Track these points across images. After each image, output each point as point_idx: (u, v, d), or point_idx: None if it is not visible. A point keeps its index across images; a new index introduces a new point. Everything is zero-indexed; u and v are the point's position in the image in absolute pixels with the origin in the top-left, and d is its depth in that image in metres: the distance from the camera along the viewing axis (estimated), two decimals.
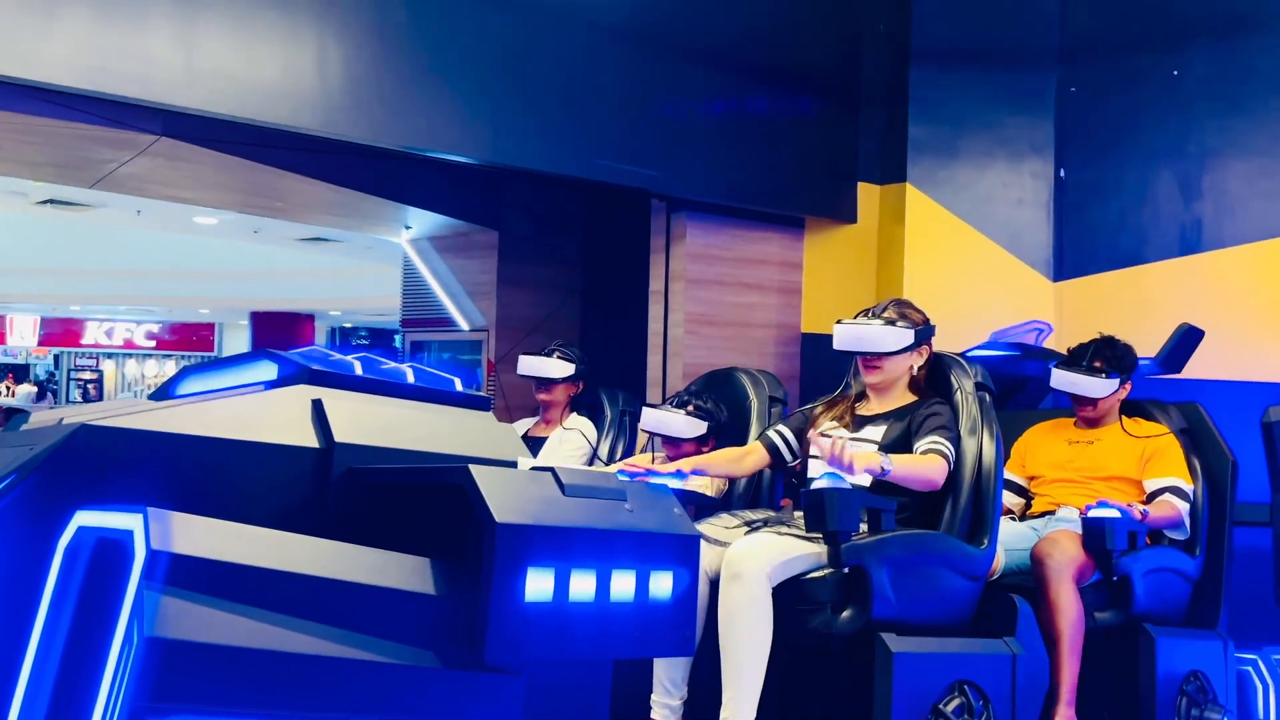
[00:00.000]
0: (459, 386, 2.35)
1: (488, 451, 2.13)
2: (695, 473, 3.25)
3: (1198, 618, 3.84)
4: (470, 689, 1.78)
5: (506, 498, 1.81)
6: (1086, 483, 3.80)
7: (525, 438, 4.96)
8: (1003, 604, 3.27)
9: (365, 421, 2.08)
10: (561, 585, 1.83)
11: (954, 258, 5.40)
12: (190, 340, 19.99)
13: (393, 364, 2.32)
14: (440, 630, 1.79)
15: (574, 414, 4.92)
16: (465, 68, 4.51)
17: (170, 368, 20.23)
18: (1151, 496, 3.74)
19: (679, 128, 5.22)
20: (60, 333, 19.60)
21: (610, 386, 5.26)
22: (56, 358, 20.01)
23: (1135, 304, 5.15)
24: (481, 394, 2.34)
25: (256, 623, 1.61)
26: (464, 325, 6.67)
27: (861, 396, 3.46)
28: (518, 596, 1.78)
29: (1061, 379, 3.90)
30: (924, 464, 3.13)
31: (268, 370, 2.14)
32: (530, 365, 4.87)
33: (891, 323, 3.34)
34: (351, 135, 4.20)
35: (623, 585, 1.91)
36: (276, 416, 2.01)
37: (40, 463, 1.70)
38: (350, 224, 6.93)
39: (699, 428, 4.01)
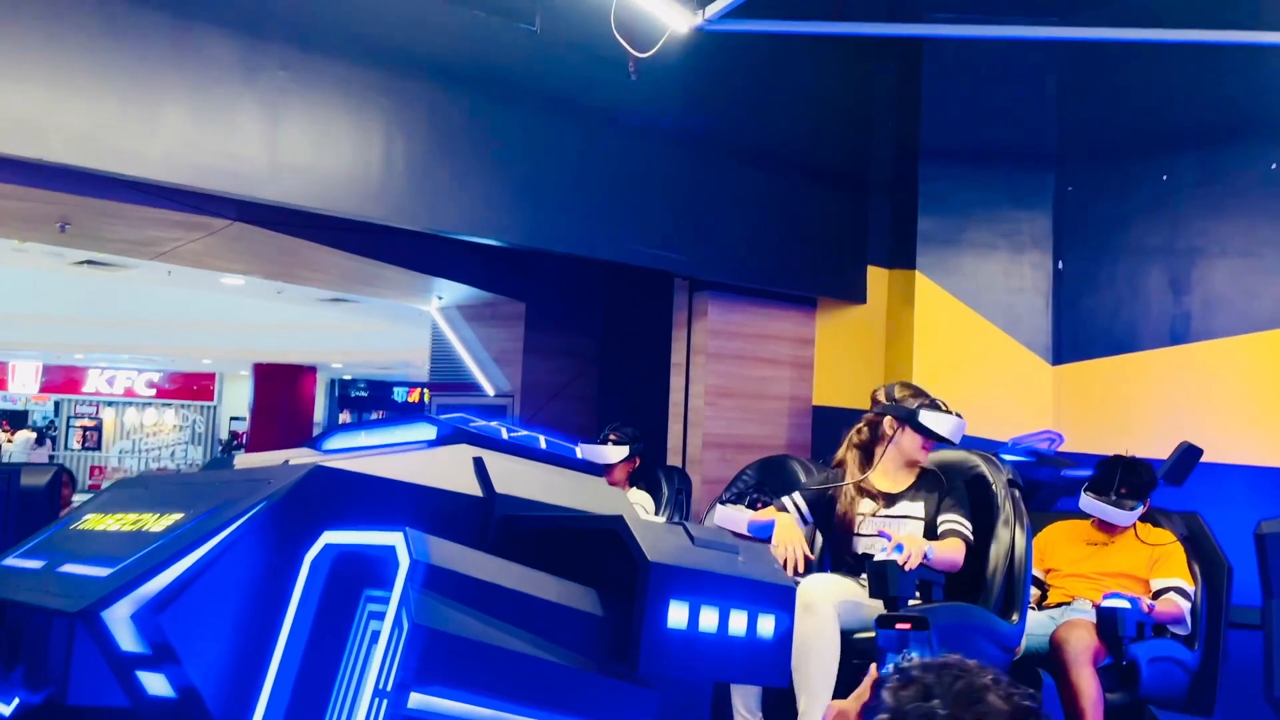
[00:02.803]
0: (580, 454, 2.75)
1: (606, 508, 2.55)
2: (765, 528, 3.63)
3: (1195, 705, 4.20)
4: (623, 695, 2.17)
5: (654, 543, 2.22)
6: (1099, 579, 4.17)
7: None
8: (1028, 674, 3.64)
9: (514, 477, 2.51)
10: (694, 616, 2.22)
11: (959, 340, 5.75)
12: (191, 390, 20.18)
13: (524, 431, 2.73)
14: (602, 646, 2.18)
15: (633, 488, 5.26)
16: (507, 160, 4.85)
17: (170, 416, 20.40)
18: (1157, 594, 4.11)
19: (702, 215, 5.60)
20: (61, 380, 19.75)
21: (666, 467, 5.57)
22: (56, 404, 20.14)
23: (1129, 388, 5.50)
24: (596, 464, 2.78)
25: (482, 624, 2.00)
26: (489, 390, 6.98)
27: (863, 468, 3.79)
28: (662, 622, 2.17)
29: (1091, 506, 4.26)
30: (951, 550, 3.54)
31: (427, 431, 2.58)
32: (589, 453, 5.19)
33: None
34: (406, 223, 4.55)
35: (738, 622, 2.30)
36: (449, 469, 2.42)
37: (286, 493, 2.12)
38: (382, 293, 7.25)
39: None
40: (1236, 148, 5.29)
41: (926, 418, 3.69)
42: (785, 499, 3.86)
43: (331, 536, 2.06)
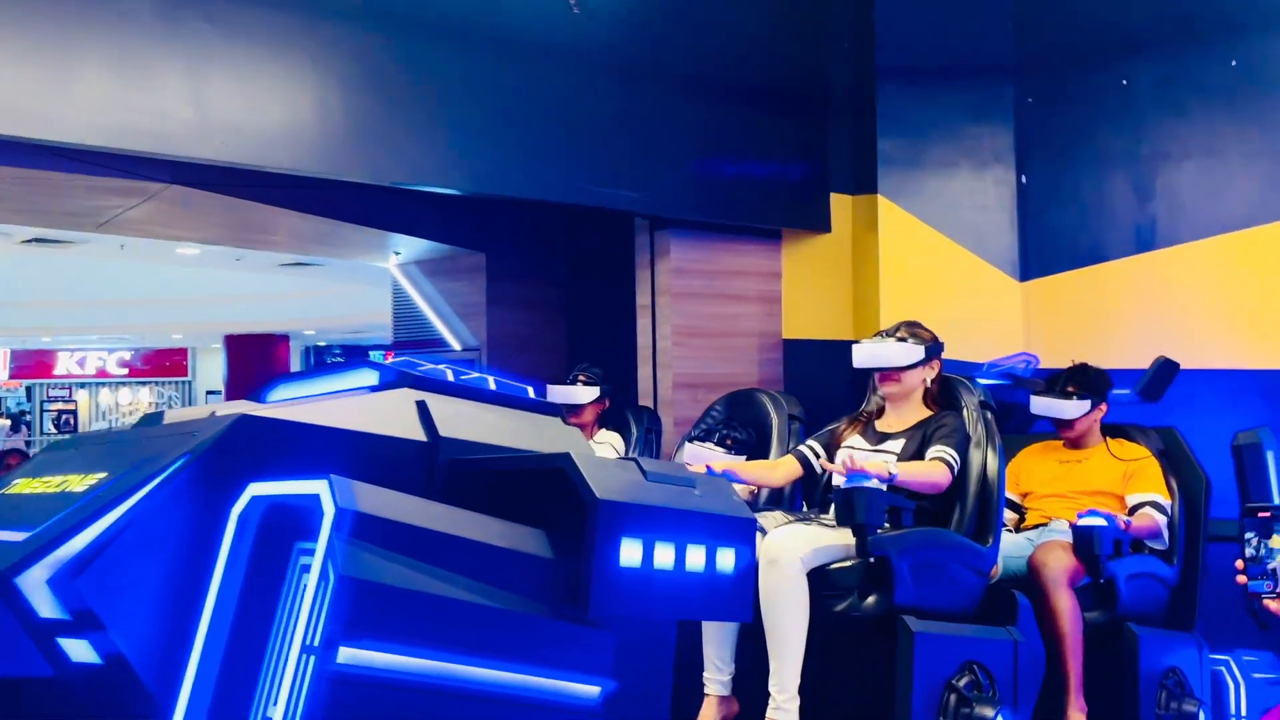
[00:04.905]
0: (532, 394, 2.66)
1: (558, 448, 2.45)
2: (729, 474, 3.55)
3: (1175, 621, 4.21)
4: (575, 639, 2.12)
5: (603, 480, 2.15)
6: (1075, 497, 4.14)
7: None
8: (1005, 598, 3.63)
9: (461, 420, 2.41)
10: (648, 554, 2.16)
11: (925, 263, 5.65)
12: (164, 366, 19.97)
13: (475, 373, 2.64)
14: (552, 588, 2.12)
15: (603, 429, 5.19)
16: (452, 105, 4.68)
17: (145, 394, 20.21)
18: (1133, 510, 4.07)
19: (659, 151, 5.43)
20: (31, 364, 19.52)
21: (636, 408, 5.50)
22: (29, 390, 19.94)
23: (1097, 300, 5.43)
24: (550, 402, 2.69)
25: (416, 571, 1.93)
26: (456, 345, 6.86)
27: (881, 411, 3.77)
28: (614, 562, 2.11)
29: (1038, 404, 4.25)
30: (927, 469, 3.47)
31: (369, 376, 2.48)
32: (559, 394, 5.15)
33: (904, 340, 3.66)
34: (350, 176, 4.41)
35: (695, 558, 2.24)
36: (390, 414, 2.33)
37: (210, 445, 2.03)
38: (339, 252, 7.11)
39: (738, 462, 4.29)
40: (1196, 48, 5.18)
41: None
42: (802, 446, 3.82)
43: (258, 488, 1.98)
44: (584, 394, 5.09)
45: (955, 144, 5.64)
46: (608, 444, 5.00)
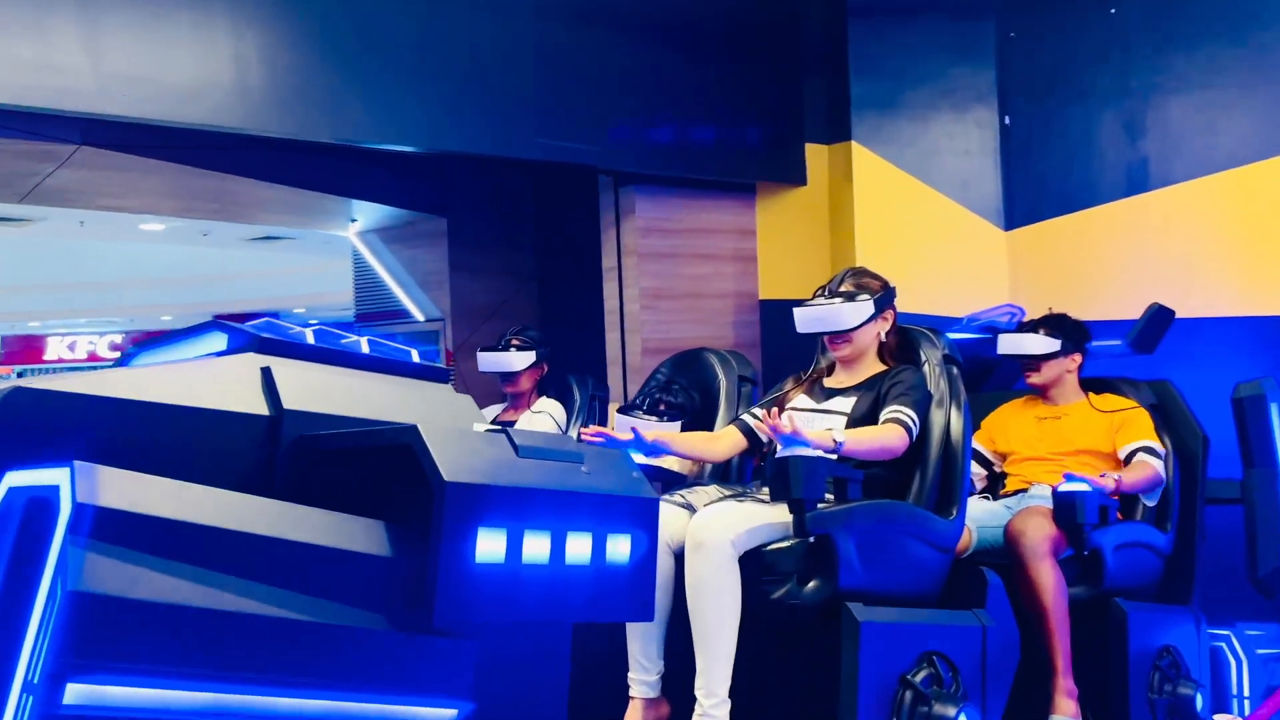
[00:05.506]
0: (416, 358, 2.31)
1: (445, 421, 2.11)
2: (659, 445, 3.20)
3: (1170, 593, 3.84)
4: (419, 652, 1.76)
5: (457, 457, 1.79)
6: (1057, 459, 3.78)
7: (494, 423, 4.90)
8: (973, 577, 3.24)
9: (316, 390, 2.05)
10: (514, 547, 1.80)
11: (904, 213, 5.36)
12: None
13: (353, 336, 2.30)
14: (389, 593, 1.76)
15: (542, 397, 4.85)
16: (391, 53, 4.41)
17: None
18: (1126, 460, 3.72)
19: (620, 100, 5.14)
20: (21, 350, 19.30)
21: (578, 371, 5.21)
22: (20, 375, 19.75)
23: (1087, 247, 5.14)
24: (440, 365, 2.31)
25: (190, 581, 1.57)
26: (419, 316, 6.59)
27: (832, 368, 3.42)
28: (467, 557, 1.76)
29: (1004, 342, 3.92)
30: (878, 435, 3.09)
31: (218, 341, 2.12)
32: (490, 361, 4.80)
33: (850, 297, 3.30)
34: (274, 131, 4.12)
35: (578, 548, 1.88)
36: (222, 384, 1.98)
37: None
38: (295, 221, 6.82)
39: (672, 430, 3.93)
40: None
41: None
42: (745, 415, 3.47)
43: (16, 478, 1.62)
44: (517, 359, 4.70)
45: (933, 85, 5.32)
46: (546, 414, 4.65)
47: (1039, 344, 3.85)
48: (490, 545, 1.77)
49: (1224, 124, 4.81)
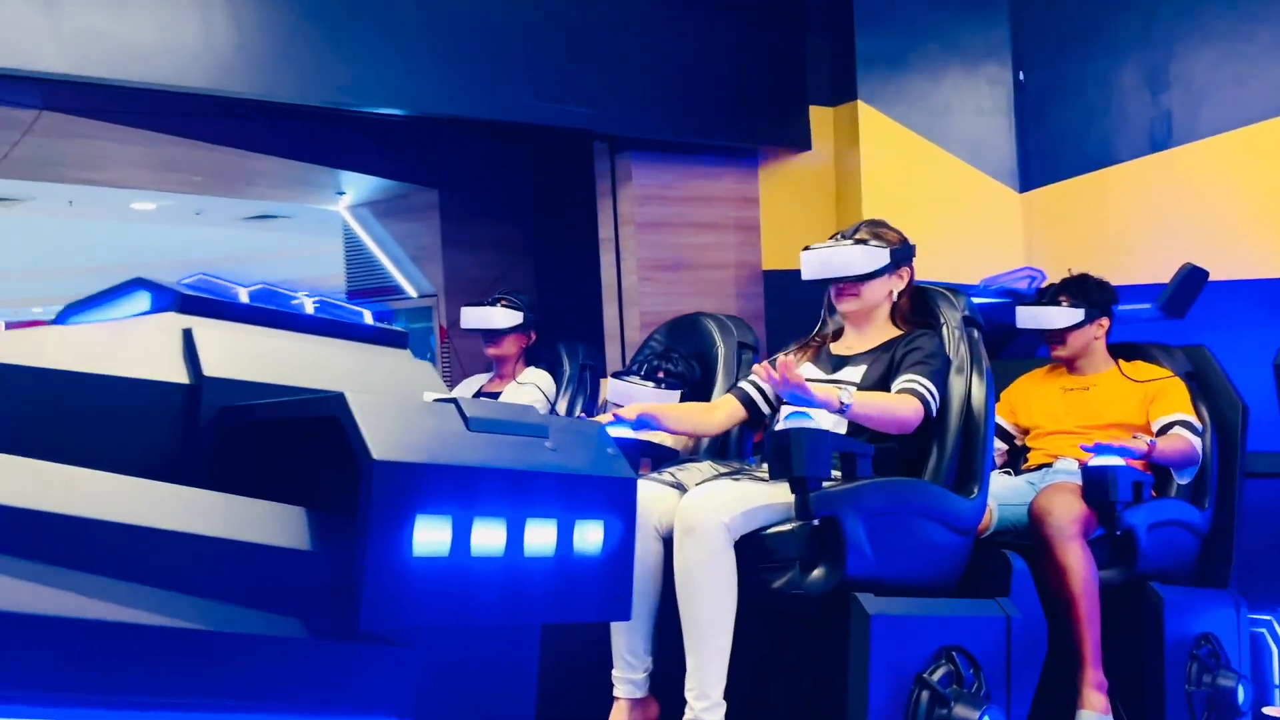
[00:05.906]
0: (368, 319, 2.06)
1: (397, 391, 1.86)
2: (648, 420, 2.94)
3: (1207, 576, 3.60)
4: (346, 663, 1.50)
5: (392, 431, 1.52)
6: (1085, 433, 3.53)
7: (478, 394, 4.70)
8: (995, 561, 2.98)
9: (245, 355, 1.80)
10: (461, 537, 1.55)
11: (914, 176, 5.14)
12: None
13: (302, 297, 2.05)
14: (310, 594, 1.51)
15: (529, 368, 4.64)
16: (375, 9, 4.21)
17: None
18: (1160, 433, 3.47)
19: (616, 61, 4.92)
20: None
21: (570, 340, 5.02)
22: None
23: (1109, 209, 4.90)
24: (398, 329, 2.05)
25: (59, 587, 1.32)
26: (412, 292, 6.40)
27: (839, 334, 3.17)
28: (402, 550, 1.50)
29: (1024, 315, 3.67)
30: (892, 403, 2.84)
31: (142, 302, 1.87)
32: (473, 317, 4.58)
33: (864, 243, 3.05)
34: (247, 92, 3.90)
35: (540, 537, 1.62)
36: (134, 347, 1.73)
37: None
38: (283, 194, 6.62)
39: (670, 399, 3.69)
40: None
41: None
42: (743, 383, 3.22)
43: None
44: (501, 317, 4.47)
45: (944, 39, 5.07)
46: (532, 384, 4.43)
47: (1061, 316, 3.61)
48: (431, 535, 1.51)
49: (1253, 75, 4.55)
